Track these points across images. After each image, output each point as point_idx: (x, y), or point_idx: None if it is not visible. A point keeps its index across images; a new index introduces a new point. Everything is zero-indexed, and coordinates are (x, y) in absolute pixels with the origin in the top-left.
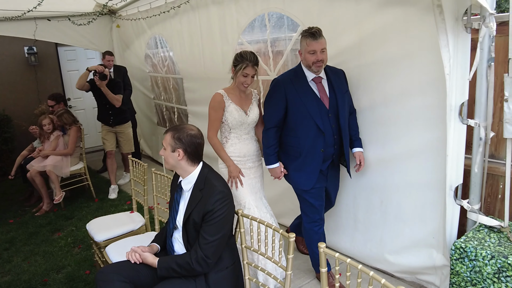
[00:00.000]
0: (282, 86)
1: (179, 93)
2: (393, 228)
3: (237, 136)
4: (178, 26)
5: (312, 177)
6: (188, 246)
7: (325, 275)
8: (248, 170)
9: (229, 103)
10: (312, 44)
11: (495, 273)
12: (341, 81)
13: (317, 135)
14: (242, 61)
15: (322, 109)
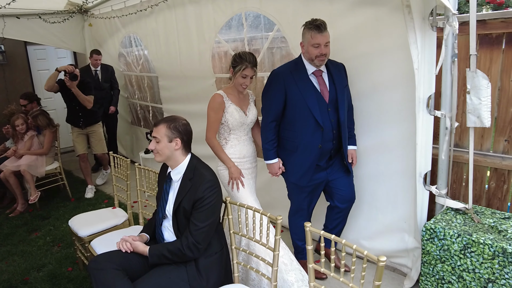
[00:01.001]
0: (281, 78)
1: (154, 91)
2: (368, 215)
3: (237, 137)
4: (153, 24)
5: (308, 172)
6: (178, 233)
7: (311, 252)
8: (246, 171)
9: (229, 104)
10: (316, 37)
11: (461, 249)
12: (342, 75)
13: (315, 130)
14: (241, 62)
15: (321, 103)
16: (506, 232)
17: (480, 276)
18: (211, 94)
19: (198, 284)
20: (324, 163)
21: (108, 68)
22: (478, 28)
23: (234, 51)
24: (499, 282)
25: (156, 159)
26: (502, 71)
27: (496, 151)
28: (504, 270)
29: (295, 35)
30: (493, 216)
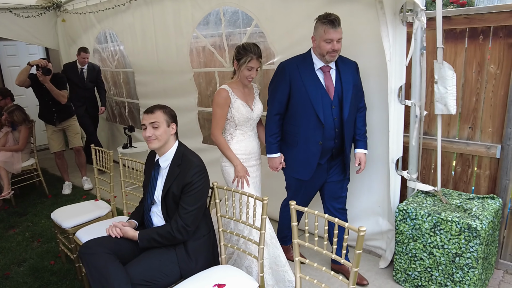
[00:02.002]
0: (287, 71)
1: (130, 87)
2: None
3: (243, 133)
4: (130, 19)
5: (308, 168)
6: (167, 218)
7: (295, 229)
8: (251, 168)
9: (235, 99)
10: (330, 32)
11: (431, 228)
12: (352, 73)
13: (317, 126)
14: (246, 54)
15: (325, 99)
16: (471, 210)
17: (449, 251)
18: (190, 88)
19: (187, 265)
20: (325, 162)
21: (95, 68)
22: (443, 23)
23: (212, 46)
24: (465, 256)
25: (152, 146)
26: (466, 63)
27: (462, 137)
28: (469, 244)
29: (273, 30)
30: (459, 197)
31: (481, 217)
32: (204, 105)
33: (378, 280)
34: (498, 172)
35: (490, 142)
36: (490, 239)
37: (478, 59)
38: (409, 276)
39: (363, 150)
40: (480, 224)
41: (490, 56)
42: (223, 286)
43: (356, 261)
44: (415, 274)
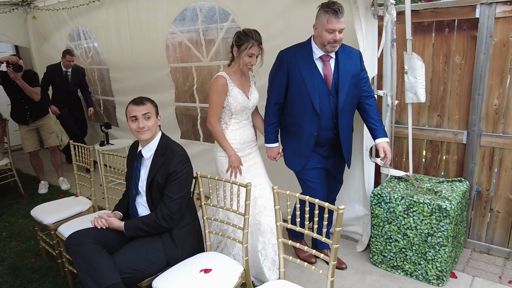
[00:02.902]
0: (285, 60)
1: (105, 84)
2: None
3: (238, 122)
4: (104, 16)
5: (302, 159)
6: (152, 207)
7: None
8: (246, 156)
9: (232, 86)
10: (332, 22)
11: (404, 210)
12: (352, 62)
13: (312, 117)
14: (247, 40)
15: (323, 89)
16: (441, 192)
17: (421, 231)
18: (167, 84)
19: (173, 253)
20: (323, 152)
21: (80, 70)
22: (412, 17)
23: (189, 41)
24: (436, 235)
25: (144, 137)
26: (433, 55)
27: (431, 125)
28: (440, 224)
29: (250, 24)
30: (430, 181)
31: (450, 198)
32: (181, 101)
33: (356, 263)
34: (465, 156)
35: (457, 128)
36: (458, 219)
37: (444, 50)
38: (385, 258)
39: (383, 138)
40: (449, 204)
41: (455, 48)
42: (209, 271)
43: (336, 238)
44: (391, 255)
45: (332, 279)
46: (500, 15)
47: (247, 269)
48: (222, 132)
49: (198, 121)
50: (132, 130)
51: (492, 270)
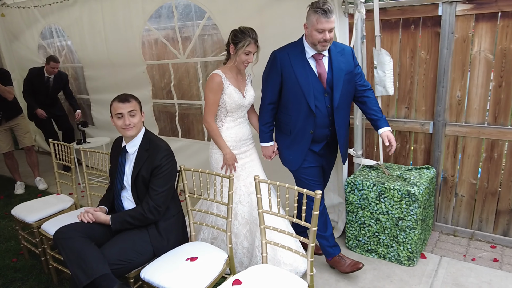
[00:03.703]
0: (278, 60)
1: (79, 82)
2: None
3: (233, 120)
4: (77, 14)
5: (299, 157)
6: (138, 201)
7: (260, 200)
8: (242, 154)
9: (228, 84)
10: (322, 22)
11: (376, 196)
12: (346, 59)
13: (308, 115)
14: (244, 37)
15: (317, 88)
16: (410, 179)
17: (393, 216)
18: (143, 81)
19: (159, 244)
20: (319, 149)
21: (62, 78)
22: (380, 14)
23: (165, 39)
24: (406, 219)
25: (130, 133)
26: (401, 50)
27: (399, 116)
28: (410, 208)
29: (226, 22)
30: (400, 169)
31: (418, 184)
32: (158, 97)
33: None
34: (431, 145)
35: (424, 119)
36: (426, 203)
37: (411, 46)
38: (359, 242)
39: (386, 128)
40: (417, 189)
41: (421, 44)
42: (195, 259)
43: (314, 221)
44: (365, 240)
45: (311, 260)
46: (460, 13)
47: (231, 256)
48: (218, 130)
49: (176, 118)
50: (118, 127)
51: (458, 250)
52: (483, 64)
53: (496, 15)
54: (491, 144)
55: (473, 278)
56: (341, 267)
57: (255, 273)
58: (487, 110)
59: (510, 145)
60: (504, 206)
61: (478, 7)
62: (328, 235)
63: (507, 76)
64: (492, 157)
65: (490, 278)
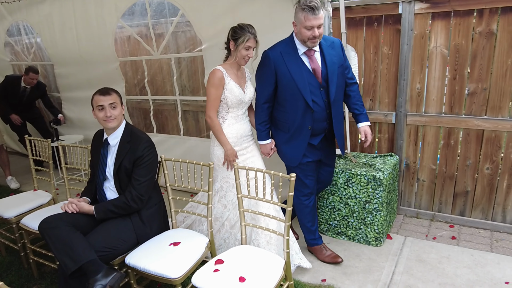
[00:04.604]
0: (271, 60)
1: (49, 80)
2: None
3: (234, 116)
4: (47, 10)
5: (298, 153)
6: (121, 190)
7: (239, 186)
8: (244, 150)
9: (229, 80)
10: (310, 19)
11: (345, 182)
12: (336, 52)
13: (306, 111)
14: (243, 33)
15: (313, 83)
16: (375, 165)
17: (360, 199)
18: (116, 78)
19: (142, 231)
20: (318, 142)
21: (40, 88)
22: (346, 12)
23: (138, 35)
24: (373, 202)
25: (111, 125)
26: (365, 46)
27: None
28: (375, 192)
29: (200, 19)
30: (366, 157)
31: (383, 169)
32: (132, 94)
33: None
34: (394, 134)
35: (387, 110)
36: (391, 187)
37: (374, 42)
38: (330, 226)
39: (366, 122)
40: (382, 174)
41: (383, 40)
42: (178, 244)
43: (289, 202)
44: (335, 223)
45: (288, 238)
46: (418, 11)
47: (212, 240)
48: (220, 126)
49: (150, 113)
50: (99, 119)
51: (420, 230)
52: (440, 59)
53: (449, 14)
54: (448, 132)
55: (434, 254)
56: (320, 256)
57: (235, 253)
58: (444, 101)
59: (465, 132)
60: (460, 188)
61: (433, 6)
62: (314, 229)
63: (460, 69)
64: (449, 144)
65: (448, 254)
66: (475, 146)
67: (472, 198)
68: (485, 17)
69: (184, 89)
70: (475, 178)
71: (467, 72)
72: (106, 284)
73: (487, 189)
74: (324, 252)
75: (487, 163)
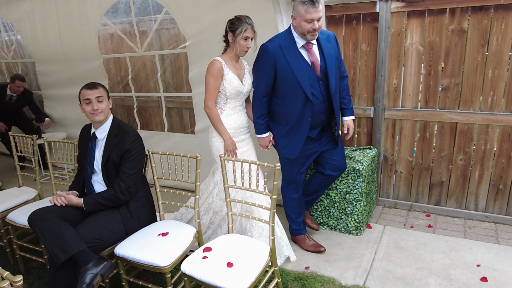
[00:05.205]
0: (271, 53)
1: (30, 78)
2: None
3: (232, 107)
4: (28, 7)
5: (297, 146)
6: (109, 183)
7: (225, 177)
8: (240, 142)
9: (228, 71)
10: (310, 12)
11: None
12: (332, 45)
13: (305, 104)
14: (240, 24)
15: (312, 76)
16: (355, 157)
17: (341, 190)
18: (99, 75)
19: (131, 223)
20: (316, 134)
21: (25, 96)
22: (326, 11)
23: (122, 32)
24: (353, 192)
25: (98, 118)
26: (344, 43)
27: None
28: (355, 182)
29: (184, 16)
30: (346, 150)
31: (362, 161)
32: (115, 91)
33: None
34: (373, 128)
35: (366, 105)
36: (370, 178)
37: (353, 39)
38: (312, 216)
39: (350, 117)
40: (361, 166)
41: (362, 37)
42: (167, 234)
43: (274, 190)
44: (317, 213)
45: (273, 225)
46: (395, 10)
47: (199, 230)
48: (219, 115)
49: (134, 110)
50: (86, 113)
51: (398, 220)
52: (415, 55)
53: (424, 12)
54: (423, 125)
55: (411, 241)
56: (303, 245)
57: (223, 241)
58: (419, 96)
59: (439, 125)
60: (436, 179)
61: (409, 5)
62: (299, 221)
63: (434, 65)
64: (425, 137)
65: (425, 241)
66: (449, 139)
67: (447, 188)
68: (457, 16)
69: (168, 86)
70: (449, 169)
71: (441, 68)
72: (97, 273)
73: (461, 179)
74: (307, 242)
75: (461, 155)
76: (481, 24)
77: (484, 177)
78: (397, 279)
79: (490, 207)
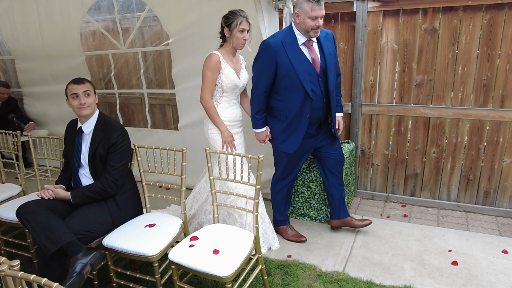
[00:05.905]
0: (272, 49)
1: (9, 75)
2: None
3: (228, 100)
4: (7, 4)
5: (296, 141)
6: (96, 176)
7: (211, 169)
8: (235, 135)
9: (225, 65)
10: (316, 10)
11: (307, 167)
12: (331, 44)
13: (304, 100)
14: (235, 17)
15: (312, 73)
16: None
17: (321, 182)
18: (82, 72)
19: (118, 215)
20: (313, 130)
21: (10, 104)
22: None
23: (105, 30)
24: None
25: (85, 112)
26: None
27: None
28: None
29: (167, 14)
30: None
31: None
32: (97, 88)
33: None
34: (351, 123)
35: (344, 101)
36: (348, 171)
37: None
38: (294, 208)
39: (340, 113)
40: None
41: (340, 36)
42: (153, 225)
43: (258, 180)
44: (299, 205)
45: (257, 214)
46: (371, 9)
47: (185, 221)
48: (215, 108)
49: (117, 107)
50: (73, 107)
51: (376, 210)
52: (390, 53)
53: (398, 12)
54: (398, 120)
55: (388, 230)
56: (285, 235)
57: (209, 230)
58: (395, 92)
59: (414, 120)
60: (410, 171)
61: (384, 5)
62: (284, 211)
63: (408, 62)
64: (400, 131)
65: (401, 229)
66: (423, 132)
67: (421, 179)
68: (429, 16)
69: (150, 83)
70: (423, 161)
71: (415, 65)
72: (86, 263)
73: (434, 171)
74: (289, 232)
75: (434, 147)
76: (451, 24)
77: (456, 168)
78: (374, 265)
79: (461, 197)
